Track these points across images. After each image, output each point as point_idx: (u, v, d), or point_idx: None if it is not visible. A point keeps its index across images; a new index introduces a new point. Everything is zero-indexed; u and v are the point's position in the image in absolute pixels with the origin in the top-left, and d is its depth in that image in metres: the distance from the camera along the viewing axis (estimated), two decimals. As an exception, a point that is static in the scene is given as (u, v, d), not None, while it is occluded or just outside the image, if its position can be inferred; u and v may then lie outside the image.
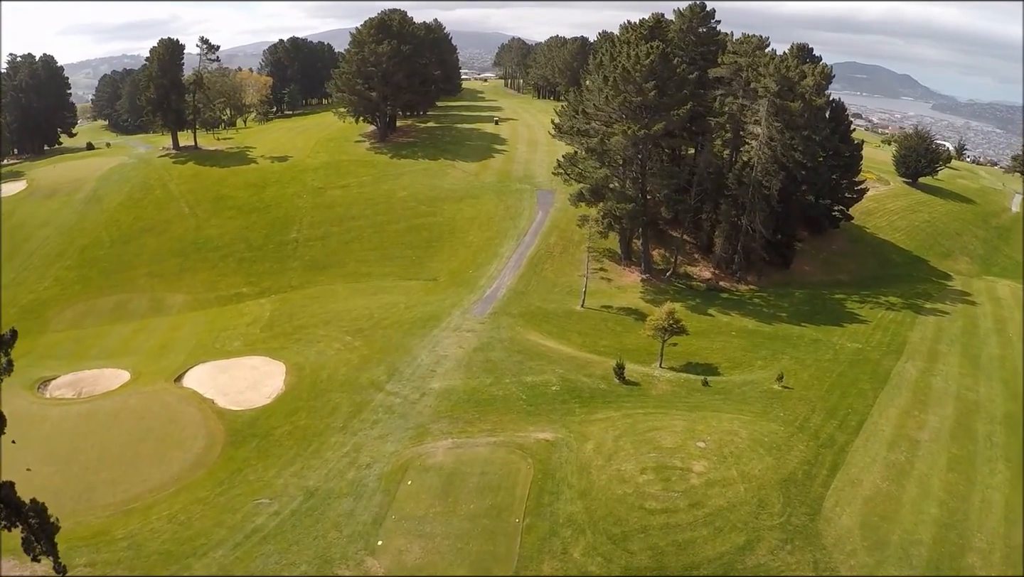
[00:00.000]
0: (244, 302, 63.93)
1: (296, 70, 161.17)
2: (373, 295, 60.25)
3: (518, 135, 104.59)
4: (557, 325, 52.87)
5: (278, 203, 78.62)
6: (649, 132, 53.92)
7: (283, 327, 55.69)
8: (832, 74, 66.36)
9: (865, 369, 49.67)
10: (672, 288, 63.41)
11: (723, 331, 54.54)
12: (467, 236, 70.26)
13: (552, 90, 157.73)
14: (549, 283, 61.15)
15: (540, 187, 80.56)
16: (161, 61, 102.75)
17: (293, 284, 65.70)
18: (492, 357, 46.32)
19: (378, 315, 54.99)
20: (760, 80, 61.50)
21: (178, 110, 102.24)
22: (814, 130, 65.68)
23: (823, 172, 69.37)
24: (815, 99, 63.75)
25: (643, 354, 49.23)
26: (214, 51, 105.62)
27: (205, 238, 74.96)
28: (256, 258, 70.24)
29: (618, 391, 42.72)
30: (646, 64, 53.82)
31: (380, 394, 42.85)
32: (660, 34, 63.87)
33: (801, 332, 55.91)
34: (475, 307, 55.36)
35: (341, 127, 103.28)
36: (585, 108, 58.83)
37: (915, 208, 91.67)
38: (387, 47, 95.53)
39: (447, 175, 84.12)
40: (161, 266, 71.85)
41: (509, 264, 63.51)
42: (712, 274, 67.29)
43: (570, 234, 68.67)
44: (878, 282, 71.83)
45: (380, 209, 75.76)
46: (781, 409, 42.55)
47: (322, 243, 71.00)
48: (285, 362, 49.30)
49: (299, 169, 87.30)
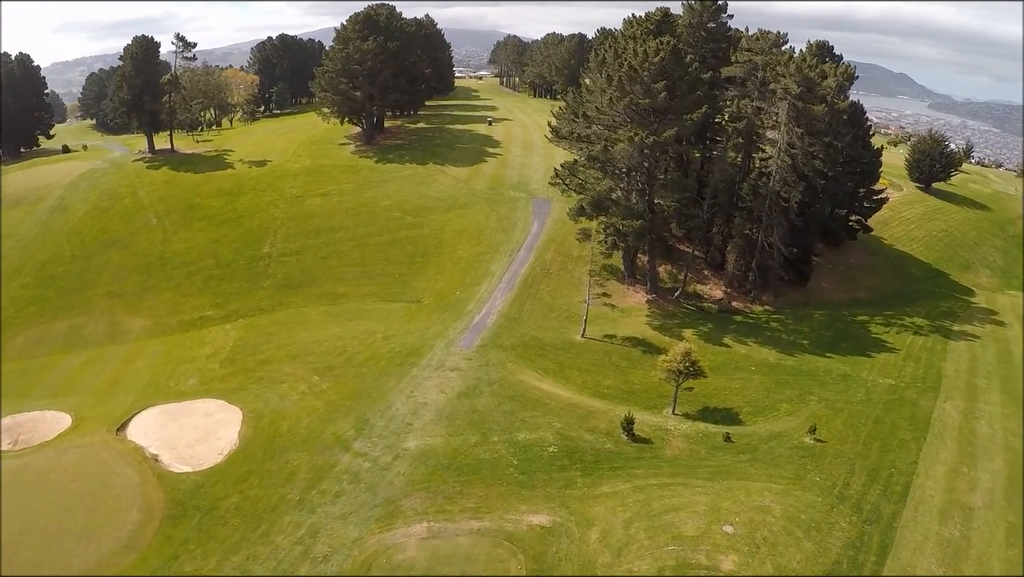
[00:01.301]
0: (208, 328, 56.27)
1: (285, 68, 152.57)
2: (349, 321, 52.62)
3: (513, 137, 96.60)
4: (554, 360, 45.33)
5: (252, 213, 70.78)
6: (659, 139, 46.21)
7: (245, 362, 48.09)
8: (856, 74, 58.55)
9: (903, 412, 42.60)
10: (681, 311, 55.89)
11: (742, 366, 47.08)
12: (455, 251, 62.56)
13: (549, 88, 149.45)
14: (545, 306, 53.56)
15: (535, 195, 72.82)
16: (135, 60, 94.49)
17: (263, 306, 58.01)
18: (479, 405, 38.83)
19: (352, 348, 47.41)
20: (779, 81, 53.74)
21: (152, 111, 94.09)
22: (836, 136, 58.03)
23: (844, 181, 61.78)
24: (838, 102, 56.04)
25: (653, 396, 41.81)
26: (190, 49, 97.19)
27: (172, 253, 67.17)
28: (225, 276, 62.50)
29: (627, 452, 35.27)
30: (655, 62, 46.04)
31: (346, 455, 35.35)
32: (668, 29, 56.01)
33: (827, 365, 48.51)
34: (462, 338, 47.80)
35: (326, 128, 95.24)
36: (586, 111, 51.03)
37: (931, 216, 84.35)
38: (373, 44, 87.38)
39: (436, 181, 76.27)
40: (122, 285, 64.11)
41: (501, 284, 55.86)
42: (724, 293, 59.77)
43: (568, 249, 61.04)
44: (900, 300, 64.59)
45: (362, 220, 67.95)
46: (816, 471, 35.30)
47: (297, 259, 63.24)
48: (243, 408, 41.78)
49: (277, 175, 79.37)
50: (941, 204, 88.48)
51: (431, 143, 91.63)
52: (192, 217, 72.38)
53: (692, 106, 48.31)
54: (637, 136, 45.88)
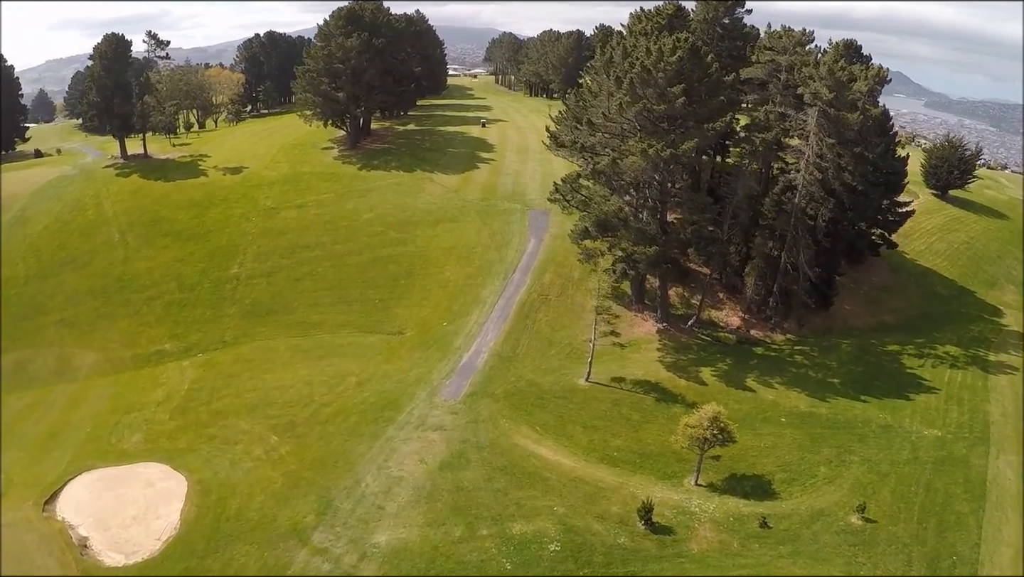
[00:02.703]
0: (164, 364, 48.70)
1: (273, 66, 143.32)
2: (319, 359, 45.08)
3: (507, 140, 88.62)
4: (555, 413, 37.94)
5: (221, 228, 62.96)
6: (676, 152, 38.56)
7: (198, 412, 40.62)
8: (888, 77, 50.77)
9: (954, 475, 35.95)
10: (696, 342, 48.51)
11: (770, 417, 39.79)
12: (443, 272, 54.95)
13: (545, 87, 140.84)
14: (544, 340, 46.10)
15: (532, 206, 65.12)
16: (104, 60, 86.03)
17: (226, 338, 50.42)
18: (465, 481, 31.51)
19: (320, 396, 39.97)
20: (808, 84, 46.09)
21: (123, 115, 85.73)
22: (867, 146, 50.49)
23: (873, 196, 54.30)
24: (871, 108, 48.47)
25: (671, 460, 34.56)
26: (163, 47, 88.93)
27: (132, 274, 59.40)
28: (187, 301, 54.83)
29: (645, 548, 28.02)
30: (672, 62, 38.32)
31: (303, 552, 28.09)
32: (680, 25, 48.29)
33: (865, 413, 41.29)
34: (447, 383, 40.36)
35: (310, 131, 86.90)
36: (590, 117, 43.22)
37: (951, 227, 77.07)
38: (357, 40, 79.10)
39: (423, 191, 68.48)
40: (76, 311, 56.41)
41: (494, 314, 48.34)
42: (741, 320, 52.38)
43: (569, 270, 53.51)
44: (929, 324, 57.40)
45: (340, 236, 60.21)
46: (869, 565, 28.43)
47: (267, 281, 55.55)
48: (189, 476, 34.53)
49: (252, 184, 71.46)
50: (959, 213, 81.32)
51: (420, 147, 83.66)
52: (157, 232, 64.54)
53: (714, 113, 40.68)
54: (651, 148, 38.22)
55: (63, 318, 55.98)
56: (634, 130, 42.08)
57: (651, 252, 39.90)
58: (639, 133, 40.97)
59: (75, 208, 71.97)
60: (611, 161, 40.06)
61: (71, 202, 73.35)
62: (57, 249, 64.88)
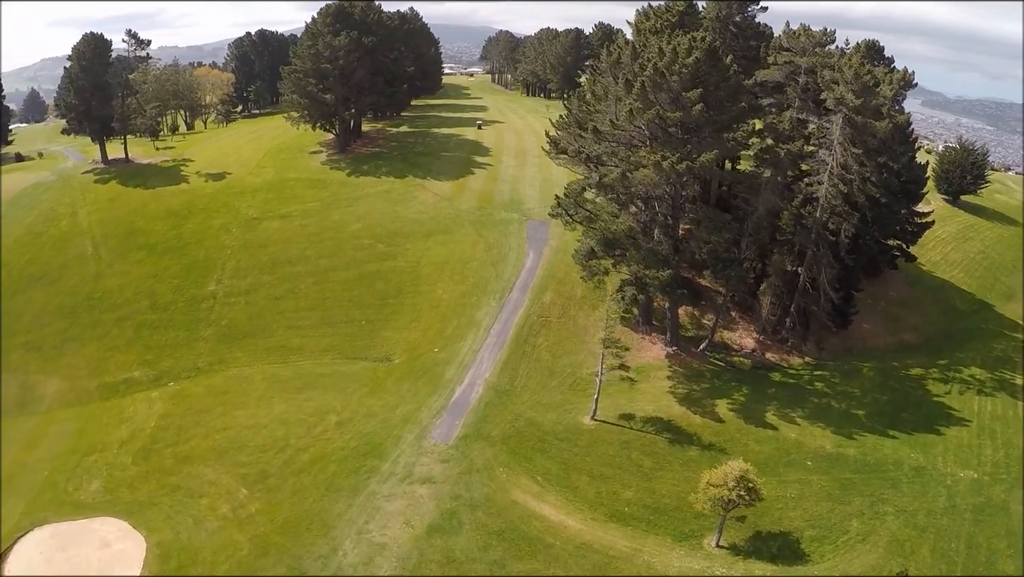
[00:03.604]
0: (132, 394, 44.10)
1: (264, 65, 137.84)
2: (298, 392, 40.50)
3: (504, 143, 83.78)
4: (558, 459, 33.53)
5: (200, 240, 58.20)
6: (693, 165, 33.98)
7: (163, 457, 36.09)
8: (915, 81, 46.11)
9: (996, 526, 32.44)
10: (708, 368, 44.10)
11: (795, 460, 35.44)
12: (435, 290, 50.38)
13: (543, 87, 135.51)
14: (544, 370, 41.61)
15: (530, 215, 60.48)
16: (82, 60, 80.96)
17: (200, 364, 45.81)
18: (457, 551, 27.09)
19: (296, 439, 35.47)
20: (832, 89, 41.50)
21: (102, 117, 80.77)
22: (892, 156, 46.03)
23: (897, 208, 49.88)
24: (898, 115, 43.96)
25: (688, 517, 30.19)
26: (144, 47, 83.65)
27: (103, 291, 54.68)
28: (160, 322, 50.18)
29: (666, 639, 23.70)
30: (689, 64, 33.70)
31: (266, 642, 23.67)
32: (691, 23, 43.61)
33: (895, 452, 36.99)
34: (438, 423, 35.90)
35: (298, 134, 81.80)
36: (596, 124, 38.47)
37: (965, 235, 72.78)
38: (345, 39, 74.11)
39: (414, 199, 63.77)
40: (42, 333, 51.71)
41: (489, 339, 43.81)
42: (756, 341, 47.99)
43: (571, 288, 48.99)
44: (950, 342, 53.20)
45: (325, 249, 55.51)
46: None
47: (246, 300, 50.89)
48: (148, 536, 30.18)
49: (235, 191, 66.67)
50: (972, 220, 77.03)
51: (412, 151, 78.81)
52: (132, 245, 59.77)
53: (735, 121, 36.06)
54: (666, 160, 33.60)
55: (29, 341, 51.27)
56: (644, 139, 37.48)
57: (664, 276, 35.38)
58: (651, 142, 36.34)
59: (49, 218, 67.11)
60: (621, 175, 35.40)
61: (45, 212, 68.49)
62: (27, 264, 60.05)
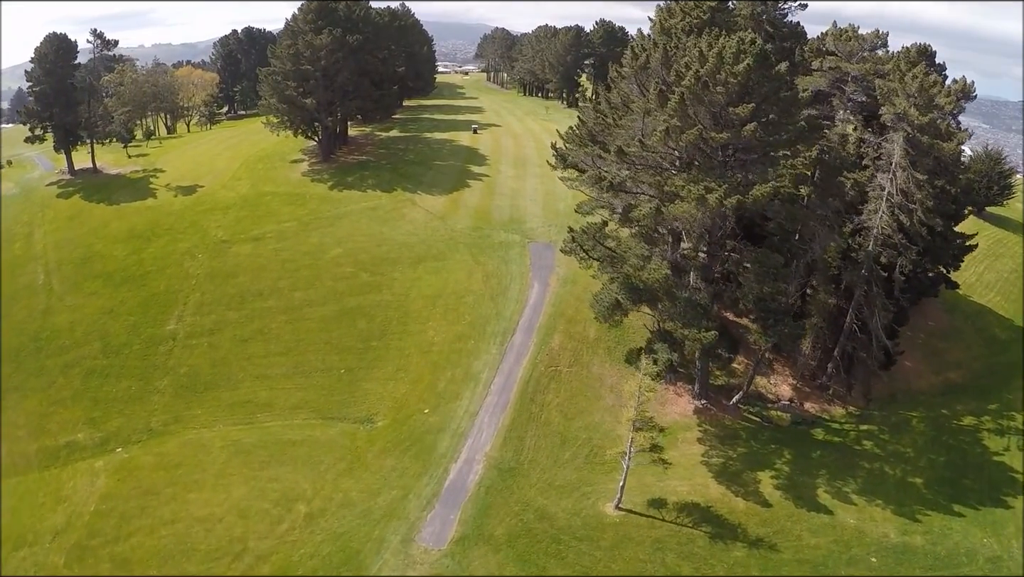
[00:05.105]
0: (74, 463, 36.39)
1: (251, 64, 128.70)
2: (262, 469, 32.94)
3: (502, 150, 75.84)
4: (578, 568, 26.11)
5: (162, 268, 50.31)
6: (745, 199, 26.44)
7: (99, 558, 28.64)
8: (974, 93, 38.42)
9: None
10: (743, 425, 36.82)
11: (856, 555, 28.16)
12: (425, 330, 42.77)
13: (541, 87, 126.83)
14: (556, 437, 34.18)
15: (533, 236, 52.85)
16: (44, 63, 72.48)
17: (153, 424, 38.15)
18: None
19: (257, 540, 28.00)
20: (893, 102, 33.99)
21: (65, 125, 72.44)
22: (951, 179, 38.58)
23: (952, 236, 42.67)
24: (959, 133, 36.46)
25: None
26: (110, 48, 75.22)
27: (52, 329, 46.85)
28: (111, 370, 42.41)
29: None
30: (739, 72, 26.10)
31: None
32: (723, 22, 35.87)
33: (965, 537, 30.02)
34: (429, 518, 28.45)
35: (279, 140, 73.86)
36: (622, 144, 30.55)
37: (995, 252, 65.70)
38: (328, 37, 65.87)
39: (403, 217, 55.97)
40: (-23, 379, 43.97)
41: (490, 396, 36.30)
42: (792, 389, 40.81)
43: (582, 328, 41.46)
44: (996, 380, 46.37)
45: (301, 279, 47.74)
46: None
47: (209, 342, 43.14)
48: None
49: (205, 207, 58.67)
50: (1000, 234, 69.98)
51: (402, 160, 70.85)
52: (87, 273, 51.86)
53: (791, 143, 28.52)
54: (713, 193, 26.04)
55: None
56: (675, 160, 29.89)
57: (709, 338, 27.92)
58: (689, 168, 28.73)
59: (4, 239, 59.11)
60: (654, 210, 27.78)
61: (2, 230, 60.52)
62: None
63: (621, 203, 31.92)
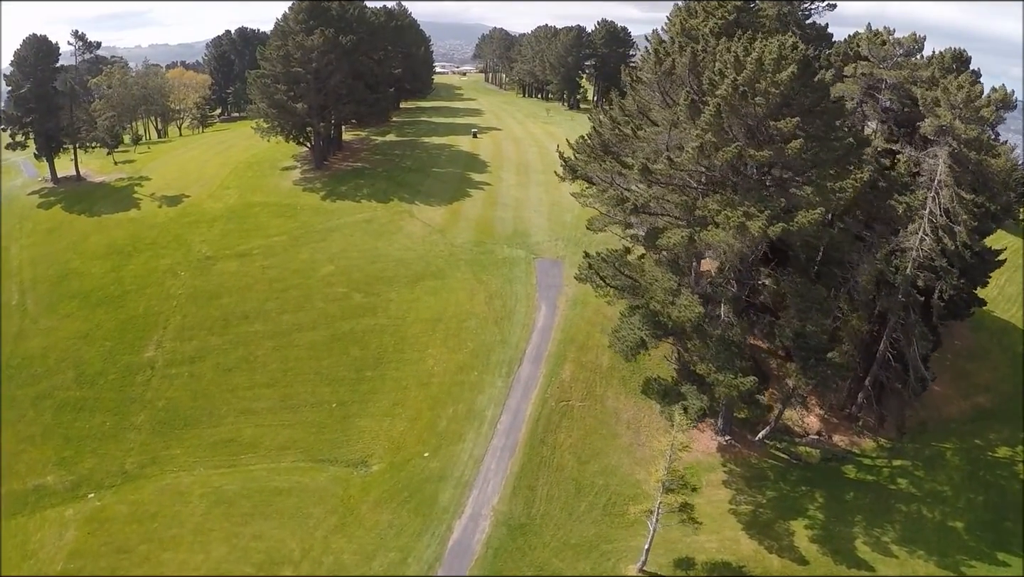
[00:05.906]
0: (42, 511, 32.76)
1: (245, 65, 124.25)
2: (245, 524, 29.43)
3: (504, 156, 72.06)
4: (598, 652, 22.87)
5: (142, 287, 46.55)
6: (790, 227, 22.92)
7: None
8: (1015, 102, 34.88)
9: None
10: (770, 465, 33.47)
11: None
12: (424, 359, 39.16)
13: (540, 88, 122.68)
14: (570, 484, 30.67)
15: (539, 252, 49.22)
16: (24, 66, 68.47)
17: (127, 467, 34.52)
18: None
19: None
20: (936, 113, 30.49)
21: (46, 131, 68.46)
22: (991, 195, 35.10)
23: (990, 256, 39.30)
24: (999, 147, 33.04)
25: None
26: (92, 50, 71.08)
27: (24, 356, 43.08)
28: (85, 402, 38.73)
29: None
30: (782, 81, 22.58)
31: None
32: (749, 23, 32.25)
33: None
34: (430, 586, 25.09)
35: (270, 145, 69.95)
36: (646, 160, 26.90)
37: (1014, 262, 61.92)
38: (320, 38, 62.00)
39: (400, 231, 52.30)
40: (-59, 411, 40.22)
41: (496, 438, 32.79)
42: (820, 420, 37.42)
43: (595, 356, 37.90)
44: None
45: (289, 300, 44.08)
46: None
47: (189, 372, 39.48)
48: None
49: (190, 220, 54.86)
50: (1017, 242, 66.64)
51: (399, 166, 67.08)
52: (64, 292, 48.06)
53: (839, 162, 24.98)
54: (755, 221, 22.53)
55: (-77, 423, 39.83)
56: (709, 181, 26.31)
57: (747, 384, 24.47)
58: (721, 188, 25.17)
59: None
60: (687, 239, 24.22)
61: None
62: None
63: (643, 224, 28.33)
